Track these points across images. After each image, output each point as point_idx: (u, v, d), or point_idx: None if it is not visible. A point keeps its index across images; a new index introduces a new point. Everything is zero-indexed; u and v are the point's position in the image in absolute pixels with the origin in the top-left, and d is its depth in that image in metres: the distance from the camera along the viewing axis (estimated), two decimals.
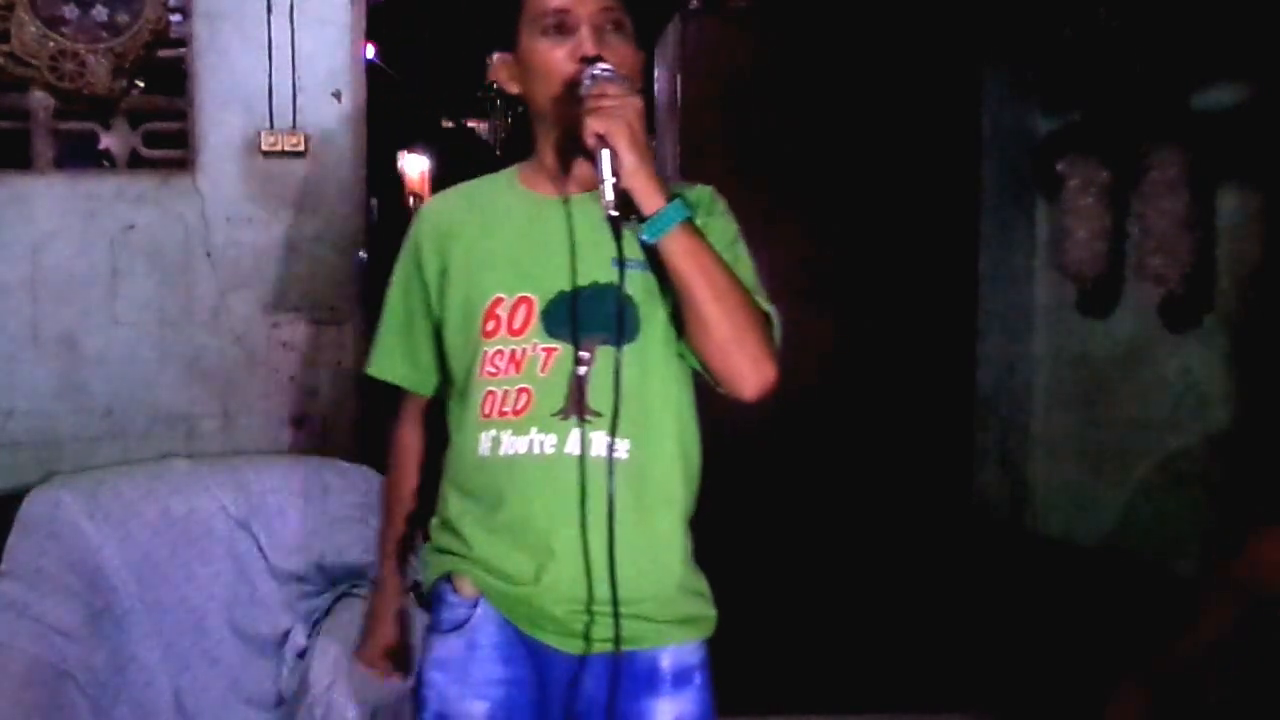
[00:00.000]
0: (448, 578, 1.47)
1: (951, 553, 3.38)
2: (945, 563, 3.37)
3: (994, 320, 3.49)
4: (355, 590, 2.50)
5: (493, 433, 1.41)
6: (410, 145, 8.06)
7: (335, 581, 2.52)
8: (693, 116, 3.30)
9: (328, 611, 2.47)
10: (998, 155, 3.47)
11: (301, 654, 2.42)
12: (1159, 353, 2.99)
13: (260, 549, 2.48)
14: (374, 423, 2.89)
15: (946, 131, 3.38)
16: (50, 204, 2.69)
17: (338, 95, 2.79)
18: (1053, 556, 3.33)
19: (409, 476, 1.65)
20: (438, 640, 1.46)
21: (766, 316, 1.41)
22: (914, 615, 3.31)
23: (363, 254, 2.85)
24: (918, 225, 3.37)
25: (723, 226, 1.48)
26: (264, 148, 2.74)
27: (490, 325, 1.42)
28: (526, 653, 1.42)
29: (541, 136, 1.50)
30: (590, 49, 1.38)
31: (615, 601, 1.35)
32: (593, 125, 1.31)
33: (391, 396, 1.67)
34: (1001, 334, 3.50)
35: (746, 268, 1.47)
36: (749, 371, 1.36)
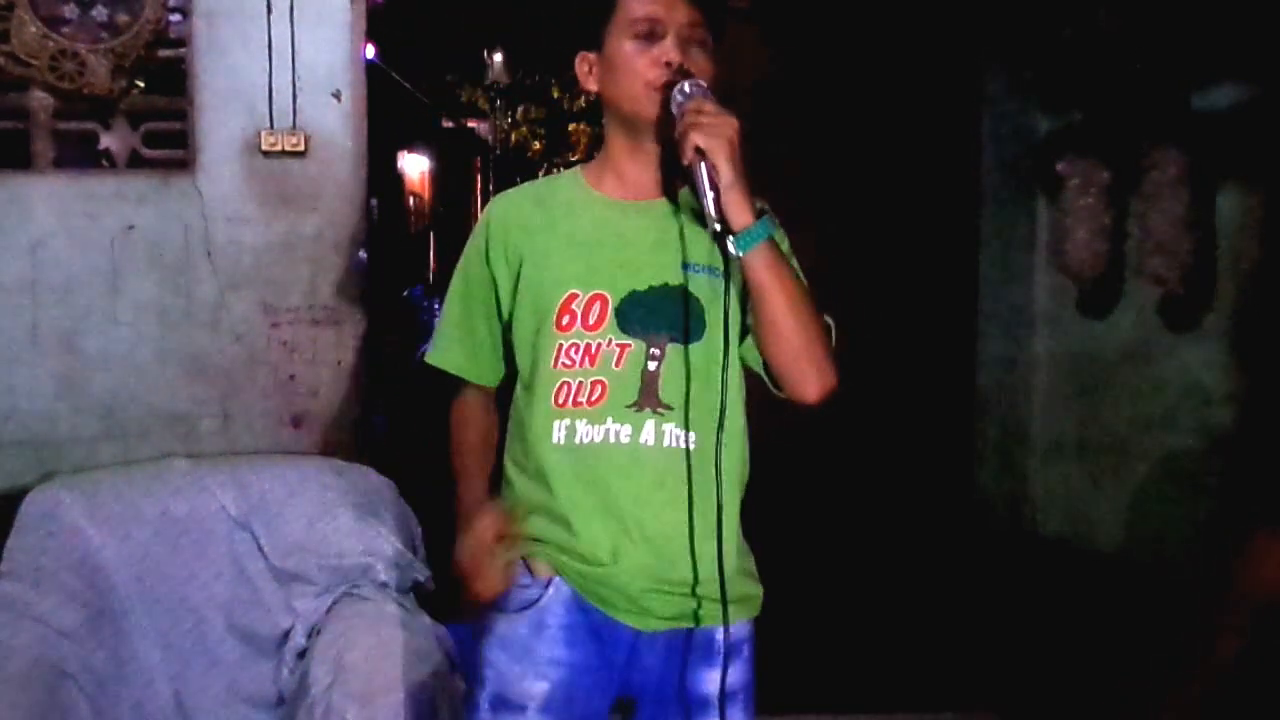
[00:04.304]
0: (520, 560, 1.52)
1: (951, 553, 3.39)
2: (945, 563, 3.37)
3: (994, 320, 3.49)
4: (355, 590, 2.50)
5: (567, 421, 1.48)
6: (410, 145, 8.07)
7: (335, 581, 2.51)
8: None
9: (328, 611, 2.46)
10: (998, 155, 3.47)
11: (301, 654, 2.41)
12: (1159, 353, 2.99)
13: (260, 549, 2.48)
14: (372, 423, 2.89)
15: (947, 131, 3.39)
16: (50, 204, 2.69)
17: (338, 95, 2.79)
18: (1052, 556, 3.33)
19: (481, 443, 1.66)
20: (502, 620, 1.51)
21: (828, 326, 1.52)
22: (914, 615, 3.31)
23: (363, 254, 2.85)
24: (918, 225, 3.37)
25: (782, 237, 1.57)
26: (264, 148, 2.74)
27: (565, 319, 1.49)
28: (589, 634, 1.49)
29: (614, 137, 1.56)
30: (676, 56, 1.46)
31: (718, 580, 1.45)
32: (694, 139, 1.37)
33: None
34: (1001, 334, 3.49)
35: (802, 279, 1.57)
36: (814, 378, 1.47)
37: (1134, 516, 3.08)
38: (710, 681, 1.50)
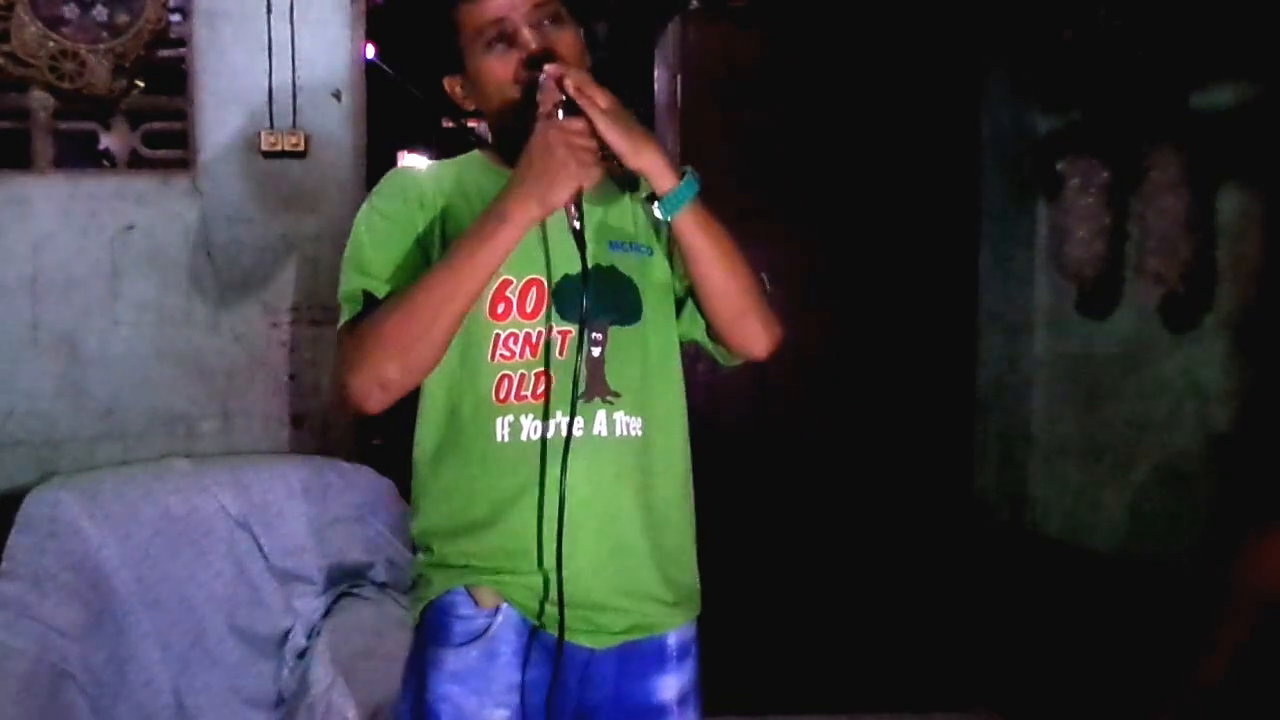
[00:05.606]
0: (462, 590, 1.41)
1: (951, 553, 3.39)
2: (945, 563, 3.37)
3: (994, 320, 3.49)
4: (355, 590, 2.50)
5: (510, 418, 1.37)
6: (410, 145, 8.07)
7: (335, 581, 2.52)
8: (693, 116, 3.30)
9: (328, 611, 2.47)
10: (998, 155, 3.47)
11: (301, 654, 2.42)
12: (1159, 353, 2.99)
13: (260, 549, 2.48)
14: (374, 423, 2.89)
15: (947, 131, 3.38)
16: (50, 204, 2.69)
17: (338, 95, 2.79)
18: (1052, 556, 3.33)
19: None
20: (450, 654, 1.40)
21: (762, 281, 1.46)
22: (914, 615, 3.31)
23: None
24: (918, 225, 3.37)
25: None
26: (264, 148, 2.74)
27: (500, 307, 1.38)
28: (543, 655, 1.40)
29: (510, 142, 1.42)
30: (537, 48, 1.37)
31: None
32: (613, 141, 1.29)
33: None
34: (1001, 334, 3.50)
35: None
36: (761, 332, 1.44)
37: (1134, 516, 3.08)
38: (664, 689, 1.44)
